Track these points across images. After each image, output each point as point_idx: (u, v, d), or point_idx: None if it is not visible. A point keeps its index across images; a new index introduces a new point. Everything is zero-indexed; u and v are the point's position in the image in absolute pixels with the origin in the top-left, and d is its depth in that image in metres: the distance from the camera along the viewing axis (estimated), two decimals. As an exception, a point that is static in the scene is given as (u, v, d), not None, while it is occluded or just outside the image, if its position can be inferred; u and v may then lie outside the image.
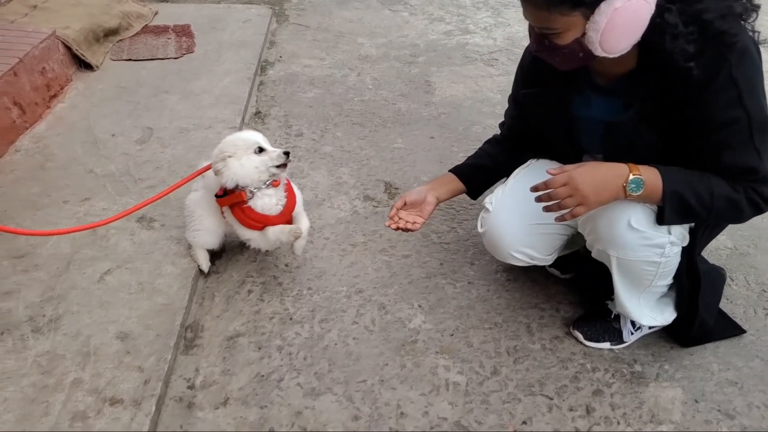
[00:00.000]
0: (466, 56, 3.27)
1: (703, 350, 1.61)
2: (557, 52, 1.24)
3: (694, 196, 1.24)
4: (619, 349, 1.60)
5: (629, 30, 1.15)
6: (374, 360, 1.55)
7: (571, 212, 1.27)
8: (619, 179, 1.24)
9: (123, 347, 1.48)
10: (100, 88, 2.67)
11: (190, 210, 1.74)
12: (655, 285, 1.45)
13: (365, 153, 2.43)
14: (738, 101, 1.18)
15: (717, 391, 1.50)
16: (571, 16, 1.15)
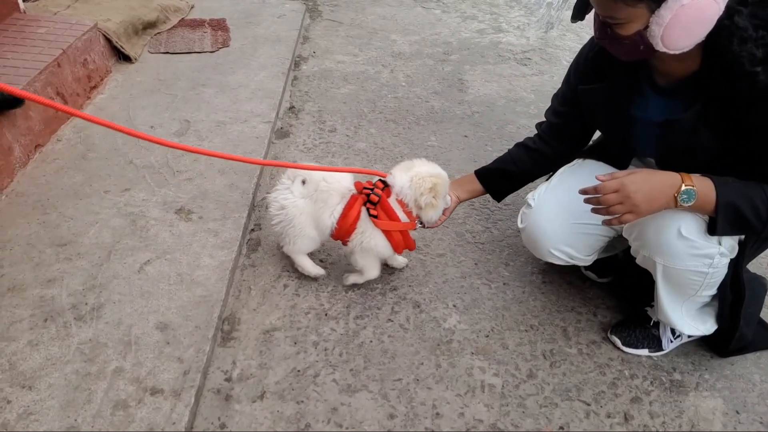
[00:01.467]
0: (500, 55, 3.24)
1: (745, 360, 1.58)
2: (618, 42, 1.23)
3: (749, 207, 1.21)
4: (658, 357, 1.58)
5: (693, 28, 1.13)
6: (410, 359, 1.55)
7: (618, 219, 1.26)
8: (671, 189, 1.22)
9: (163, 337, 1.50)
10: (139, 81, 2.71)
11: (289, 218, 1.62)
12: (699, 295, 1.42)
13: (399, 150, 2.43)
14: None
15: (759, 403, 1.47)
16: (637, 7, 1.14)
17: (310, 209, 1.61)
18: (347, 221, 1.58)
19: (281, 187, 1.64)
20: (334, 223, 1.60)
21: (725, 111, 1.24)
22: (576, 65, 1.57)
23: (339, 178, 1.62)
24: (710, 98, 1.25)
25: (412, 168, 1.59)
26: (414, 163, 1.61)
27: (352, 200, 1.59)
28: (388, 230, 1.58)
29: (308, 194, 1.60)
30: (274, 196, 1.64)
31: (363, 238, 1.60)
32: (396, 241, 1.60)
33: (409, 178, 1.56)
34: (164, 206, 1.94)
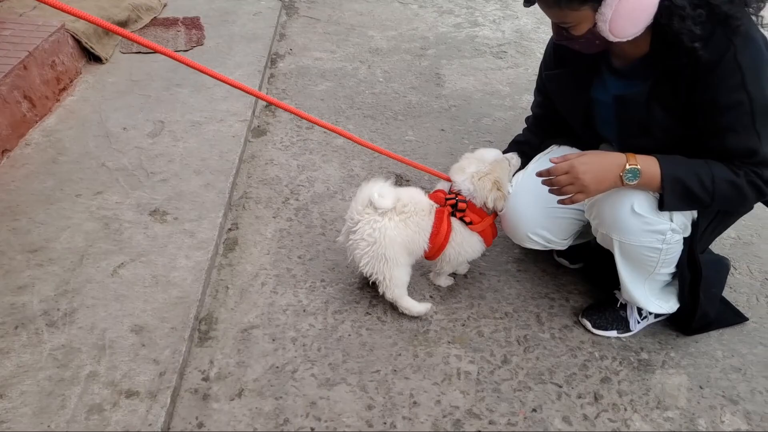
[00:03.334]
0: (476, 49, 3.26)
1: (708, 338, 1.62)
2: (576, 40, 1.31)
3: (695, 181, 1.27)
4: (626, 338, 1.62)
5: (636, 16, 1.20)
6: (388, 350, 1.57)
7: (571, 198, 1.33)
8: (617, 168, 1.29)
9: (138, 340, 1.50)
10: (111, 82, 2.68)
11: (384, 249, 1.49)
12: (658, 272, 1.47)
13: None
14: (741, 85, 1.21)
15: (722, 378, 1.52)
16: (581, 10, 1.22)
17: (403, 235, 1.51)
18: (440, 237, 1.55)
19: (363, 221, 1.49)
20: (427, 243, 1.56)
21: (675, 88, 1.30)
22: (544, 56, 1.64)
23: (412, 194, 1.57)
24: (660, 76, 1.32)
25: (465, 168, 1.57)
26: (465, 163, 1.59)
27: (440, 214, 1.56)
28: (483, 230, 1.59)
29: (389, 206, 1.49)
30: (360, 231, 1.50)
31: (460, 249, 1.60)
32: (489, 235, 1.62)
33: (470, 182, 1.55)
34: (138, 208, 1.93)
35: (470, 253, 1.63)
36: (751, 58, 1.21)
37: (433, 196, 1.61)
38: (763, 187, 1.29)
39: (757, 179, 1.27)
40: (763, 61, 1.24)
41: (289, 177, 2.22)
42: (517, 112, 2.66)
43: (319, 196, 2.12)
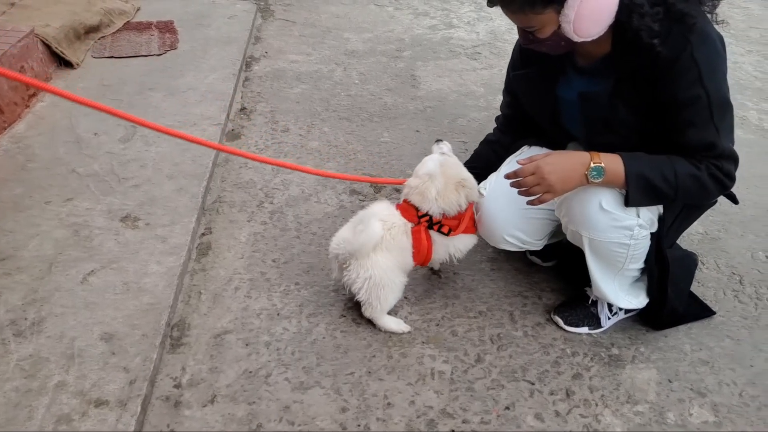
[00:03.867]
0: (451, 50, 3.28)
1: (677, 332, 1.65)
2: (542, 43, 1.34)
3: (658, 176, 1.30)
4: (598, 334, 1.64)
5: (598, 16, 1.23)
6: (362, 352, 1.57)
7: (539, 198, 1.35)
8: (582, 167, 1.31)
9: (108, 348, 1.48)
10: (82, 87, 2.65)
11: (380, 280, 1.52)
12: (627, 268, 1.50)
13: (352, 147, 2.44)
14: (699, 81, 1.25)
15: (690, 371, 1.55)
16: (545, 13, 1.25)
17: (393, 260, 1.54)
18: (422, 254, 1.58)
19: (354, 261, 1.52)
20: (411, 260, 1.58)
21: (637, 85, 1.33)
22: (512, 57, 1.67)
23: (384, 215, 1.55)
24: (622, 74, 1.35)
25: (426, 193, 1.55)
26: (422, 188, 1.56)
27: (416, 234, 1.56)
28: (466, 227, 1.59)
29: (378, 235, 1.49)
30: (354, 269, 1.52)
31: (452, 250, 1.62)
32: (473, 227, 1.62)
33: (437, 205, 1.54)
34: (109, 214, 1.91)
35: (462, 250, 1.65)
36: (707, 55, 1.25)
37: (404, 212, 1.58)
38: (724, 180, 1.33)
39: (717, 172, 1.31)
40: (718, 57, 1.28)
41: (263, 180, 2.21)
42: (491, 113, 2.68)
43: (294, 199, 2.11)
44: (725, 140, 1.31)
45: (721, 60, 1.29)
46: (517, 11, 1.27)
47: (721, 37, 1.30)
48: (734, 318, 1.71)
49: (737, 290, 1.82)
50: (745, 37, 3.84)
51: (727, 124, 1.33)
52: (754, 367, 1.56)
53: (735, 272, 1.89)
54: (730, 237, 2.04)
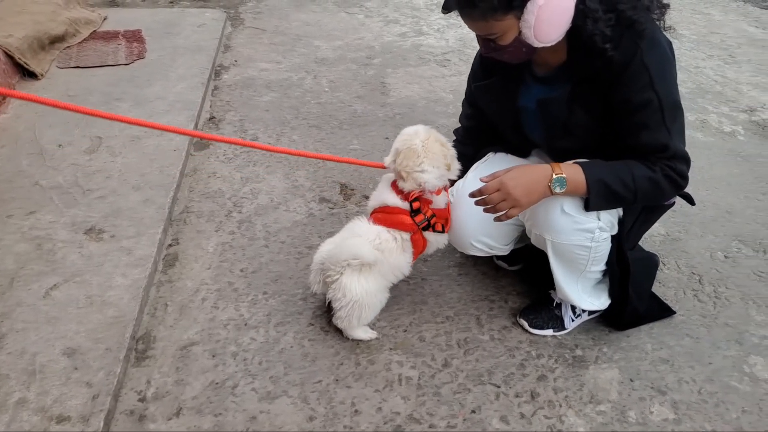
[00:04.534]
0: (421, 57, 3.32)
1: (639, 332, 1.69)
2: (503, 51, 1.36)
3: (617, 181, 1.35)
4: (562, 336, 1.67)
5: (557, 20, 1.27)
6: (330, 360, 1.57)
7: (506, 214, 1.37)
8: (544, 179, 1.34)
9: (71, 363, 1.46)
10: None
11: (365, 302, 1.51)
12: (589, 270, 1.53)
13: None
14: (650, 85, 1.30)
15: (651, 370, 1.59)
16: (505, 20, 1.28)
17: (382, 282, 1.55)
18: (419, 251, 1.59)
19: (344, 275, 1.49)
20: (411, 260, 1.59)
21: (593, 90, 1.37)
22: (472, 68, 1.69)
23: (376, 236, 1.52)
24: (579, 79, 1.39)
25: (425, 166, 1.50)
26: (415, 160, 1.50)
27: (416, 242, 1.56)
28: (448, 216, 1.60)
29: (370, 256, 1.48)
30: (340, 287, 1.50)
31: (440, 245, 1.65)
32: (448, 215, 1.62)
33: (436, 176, 1.50)
34: (73, 227, 1.88)
35: (446, 242, 1.67)
36: (656, 60, 1.30)
37: (393, 221, 1.53)
38: (678, 180, 1.38)
39: (671, 173, 1.36)
40: (667, 61, 1.33)
41: (232, 190, 2.20)
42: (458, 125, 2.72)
43: (263, 208, 2.11)
44: (677, 141, 1.36)
45: (671, 64, 1.35)
46: (478, 18, 1.30)
47: (669, 43, 1.36)
48: (694, 317, 1.76)
49: (697, 290, 1.87)
50: (706, 42, 3.95)
51: (678, 126, 1.38)
52: (712, 364, 1.61)
53: (695, 272, 1.94)
54: (690, 238, 2.10)
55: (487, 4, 1.25)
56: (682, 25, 4.26)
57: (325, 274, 1.53)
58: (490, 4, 1.25)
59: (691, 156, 1.42)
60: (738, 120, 2.95)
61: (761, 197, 2.35)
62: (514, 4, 1.25)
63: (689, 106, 3.06)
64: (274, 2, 4.11)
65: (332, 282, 1.52)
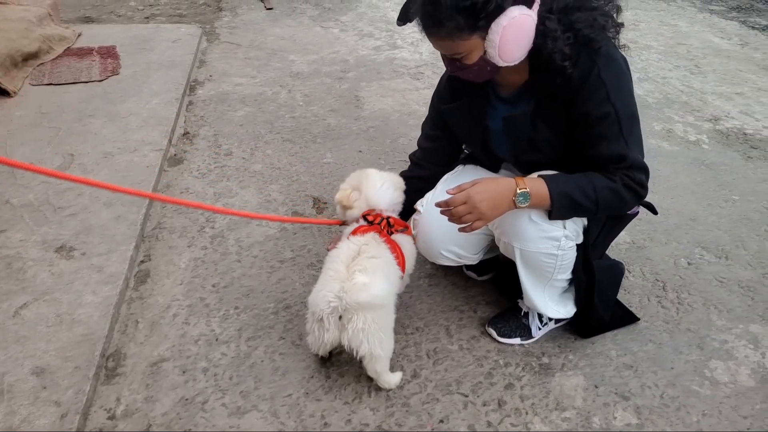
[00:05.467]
0: (395, 71, 3.37)
1: (604, 339, 1.74)
2: (469, 69, 1.40)
3: (579, 192, 1.40)
4: (529, 344, 1.70)
5: (520, 40, 1.32)
6: (301, 373, 1.59)
7: (471, 226, 1.41)
8: (509, 193, 1.38)
9: (39, 382, 1.46)
10: (19, 115, 2.60)
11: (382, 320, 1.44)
12: (556, 278, 1.57)
13: (295, 169, 2.47)
14: (607, 99, 1.36)
15: (615, 375, 1.63)
16: (471, 39, 1.32)
17: (389, 285, 1.47)
18: (399, 255, 1.57)
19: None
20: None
21: (554, 106, 1.42)
22: (437, 91, 1.73)
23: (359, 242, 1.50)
24: (541, 97, 1.44)
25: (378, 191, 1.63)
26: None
27: (387, 239, 1.56)
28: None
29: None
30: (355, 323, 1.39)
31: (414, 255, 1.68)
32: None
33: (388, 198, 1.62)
34: (44, 245, 1.88)
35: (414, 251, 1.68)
36: (613, 75, 1.36)
37: (357, 231, 1.56)
38: (638, 189, 1.42)
39: (631, 182, 1.41)
40: (623, 76, 1.39)
41: (205, 205, 2.21)
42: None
43: (236, 223, 2.13)
44: (634, 152, 1.41)
45: (626, 78, 1.40)
46: (445, 38, 1.33)
47: (624, 58, 1.42)
48: (657, 323, 1.81)
49: (660, 296, 1.93)
50: (673, 53, 4.07)
51: (635, 137, 1.43)
52: (674, 369, 1.65)
53: (659, 279, 2.00)
54: (654, 245, 2.16)
55: (452, 24, 1.29)
56: (649, 36, 4.38)
57: (342, 315, 1.40)
58: (456, 23, 1.29)
59: (656, 165, 1.48)
60: (703, 129, 3.03)
61: (723, 204, 2.42)
62: (479, 25, 1.29)
63: (656, 116, 3.15)
64: (250, 17, 4.15)
65: (349, 320, 1.39)
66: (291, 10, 4.36)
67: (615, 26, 1.41)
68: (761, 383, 1.62)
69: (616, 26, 1.41)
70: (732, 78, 3.69)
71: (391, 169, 2.20)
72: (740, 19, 4.97)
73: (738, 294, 1.94)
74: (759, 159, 2.78)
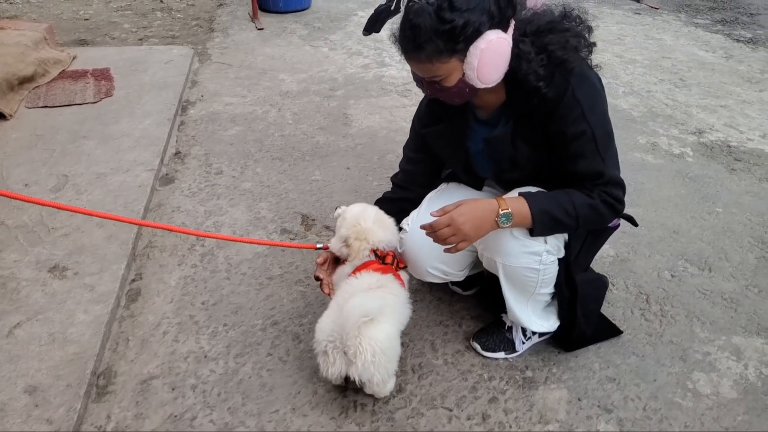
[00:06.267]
0: (382, 88, 3.43)
1: (587, 352, 1.76)
2: (448, 92, 1.43)
3: (559, 209, 1.44)
4: (513, 358, 1.73)
5: (497, 62, 1.36)
6: (288, 389, 1.62)
7: (455, 247, 1.44)
8: (491, 214, 1.42)
9: (31, 401, 1.49)
10: (14, 137, 2.65)
11: (394, 345, 1.49)
12: (538, 293, 1.61)
13: (284, 187, 2.52)
14: (582, 117, 1.40)
15: (598, 388, 1.66)
16: (450, 62, 1.35)
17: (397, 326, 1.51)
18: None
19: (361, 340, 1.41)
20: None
21: (532, 125, 1.47)
22: (417, 115, 1.77)
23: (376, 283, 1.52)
24: (518, 117, 1.49)
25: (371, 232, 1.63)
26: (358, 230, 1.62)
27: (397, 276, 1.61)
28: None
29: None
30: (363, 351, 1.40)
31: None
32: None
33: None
34: (37, 265, 1.91)
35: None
36: (587, 94, 1.41)
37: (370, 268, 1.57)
38: (615, 204, 1.46)
39: (608, 198, 1.45)
40: (597, 94, 1.44)
41: (195, 223, 2.25)
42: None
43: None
44: (611, 168, 1.46)
45: (600, 97, 1.45)
46: (425, 60, 1.36)
47: (598, 77, 1.47)
48: (640, 335, 1.84)
49: (644, 308, 1.96)
50: (658, 66, 4.15)
51: (611, 154, 1.47)
52: (656, 381, 1.68)
53: (642, 291, 2.03)
54: (638, 258, 2.19)
55: (432, 47, 1.32)
56: (635, 50, 4.47)
57: (343, 349, 1.42)
58: (436, 46, 1.32)
59: (640, 178, 1.52)
60: (687, 142, 3.09)
61: (707, 216, 2.47)
62: (458, 48, 1.33)
63: (640, 129, 3.21)
64: (241, 37, 4.23)
65: (353, 353, 1.41)
66: (281, 30, 4.45)
67: (587, 46, 1.46)
68: (743, 395, 1.65)
69: (589, 46, 1.46)
70: (716, 91, 3.76)
71: (378, 185, 2.26)
72: (725, 32, 5.06)
73: (721, 306, 1.97)
74: (743, 171, 2.83)
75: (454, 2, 1.27)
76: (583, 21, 1.45)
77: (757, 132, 3.23)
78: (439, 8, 1.28)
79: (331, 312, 1.49)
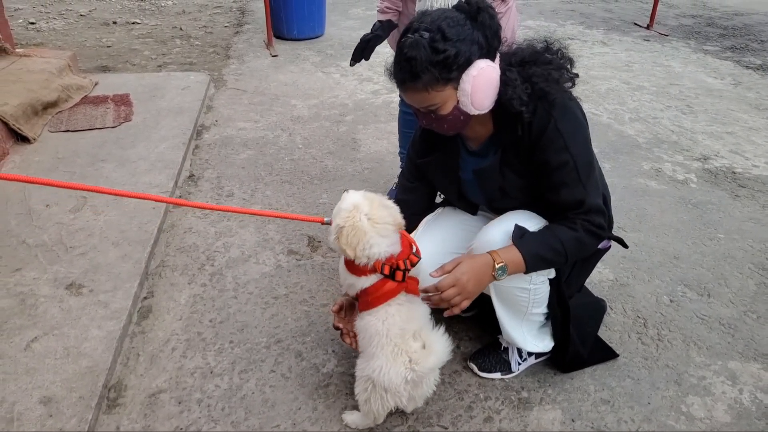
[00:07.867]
0: (391, 113, 3.54)
1: (583, 374, 1.80)
2: (443, 120, 1.50)
3: (549, 250, 1.50)
4: (509, 379, 1.77)
5: (488, 88, 1.43)
6: (289, 405, 1.67)
7: (459, 306, 1.49)
8: (489, 269, 1.47)
9: (46, 411, 1.56)
10: (37, 160, 2.79)
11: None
12: (531, 313, 1.66)
13: (292, 209, 2.61)
14: (565, 147, 1.47)
15: (592, 410, 1.69)
16: (445, 90, 1.42)
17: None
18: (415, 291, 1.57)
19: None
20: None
21: (518, 155, 1.54)
22: (412, 145, 1.83)
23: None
24: (506, 146, 1.56)
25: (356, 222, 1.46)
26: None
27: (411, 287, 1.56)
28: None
29: None
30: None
31: None
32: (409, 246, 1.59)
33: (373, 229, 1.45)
34: (55, 283, 2.01)
35: None
36: (569, 125, 1.48)
37: (383, 297, 1.51)
38: (597, 231, 1.52)
39: (590, 226, 1.51)
40: (579, 126, 1.51)
41: (206, 244, 2.35)
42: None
43: (234, 261, 2.25)
44: (592, 196, 1.52)
45: (582, 127, 1.52)
46: (421, 90, 1.43)
47: (580, 107, 1.54)
48: (636, 359, 1.87)
49: (641, 332, 1.99)
50: (665, 93, 4.20)
51: (593, 182, 1.53)
52: (651, 404, 1.70)
53: (640, 315, 2.06)
54: (637, 283, 2.23)
55: (428, 76, 1.40)
56: (642, 77, 4.53)
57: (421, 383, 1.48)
58: (431, 75, 1.39)
59: (643, 204, 1.56)
60: (691, 168, 3.13)
61: (708, 242, 2.49)
62: (452, 76, 1.40)
63: (645, 155, 3.25)
64: (256, 64, 4.39)
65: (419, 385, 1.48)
66: (295, 57, 4.61)
67: (570, 79, 1.52)
68: (737, 419, 1.67)
69: (571, 78, 1.53)
70: (723, 117, 3.80)
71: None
72: (734, 58, 5.11)
73: (718, 331, 2.00)
74: (746, 197, 2.85)
75: (446, 34, 1.36)
76: (564, 54, 1.53)
77: (762, 159, 3.26)
78: (432, 40, 1.36)
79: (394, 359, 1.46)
